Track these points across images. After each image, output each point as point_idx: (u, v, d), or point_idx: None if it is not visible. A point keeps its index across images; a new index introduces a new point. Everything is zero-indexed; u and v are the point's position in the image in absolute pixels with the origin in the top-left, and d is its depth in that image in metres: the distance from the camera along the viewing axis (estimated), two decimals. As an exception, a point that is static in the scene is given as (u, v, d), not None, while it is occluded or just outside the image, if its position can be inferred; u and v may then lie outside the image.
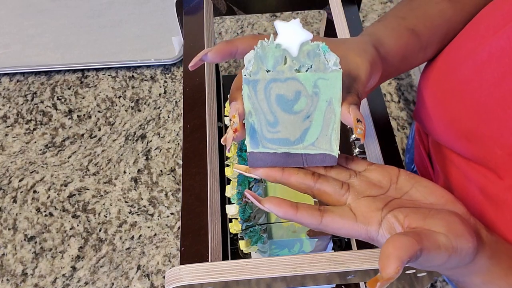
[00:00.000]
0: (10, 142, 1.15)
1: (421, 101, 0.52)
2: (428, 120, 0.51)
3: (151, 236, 0.99)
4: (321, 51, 0.33)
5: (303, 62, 0.33)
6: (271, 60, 0.33)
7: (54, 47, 1.29)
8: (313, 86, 0.33)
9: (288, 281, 0.42)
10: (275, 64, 0.33)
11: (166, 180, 1.06)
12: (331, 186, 0.35)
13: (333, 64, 0.33)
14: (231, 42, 0.37)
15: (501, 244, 0.37)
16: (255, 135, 0.36)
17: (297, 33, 0.32)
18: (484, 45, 0.41)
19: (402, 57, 0.44)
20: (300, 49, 0.33)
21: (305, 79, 0.33)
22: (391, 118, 1.14)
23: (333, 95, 0.33)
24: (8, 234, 1.00)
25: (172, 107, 1.19)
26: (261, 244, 0.54)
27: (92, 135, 1.15)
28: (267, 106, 0.34)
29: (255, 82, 0.34)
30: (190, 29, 0.67)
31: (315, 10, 1.36)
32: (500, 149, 0.39)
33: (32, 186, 1.07)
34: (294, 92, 0.34)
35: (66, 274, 0.95)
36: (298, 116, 0.34)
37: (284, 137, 0.35)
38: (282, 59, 0.33)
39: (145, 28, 1.32)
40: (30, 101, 1.22)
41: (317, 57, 0.33)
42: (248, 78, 0.33)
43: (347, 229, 0.33)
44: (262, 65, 0.33)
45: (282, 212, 0.33)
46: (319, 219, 0.33)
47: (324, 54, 0.33)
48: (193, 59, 0.36)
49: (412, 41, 0.45)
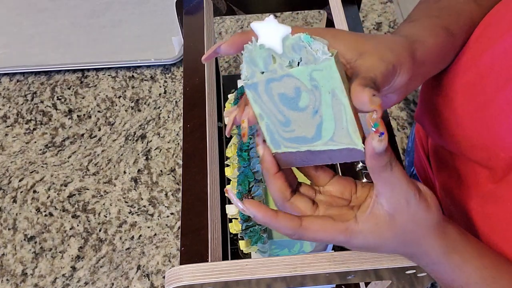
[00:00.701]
0: (10, 142, 1.15)
1: (424, 103, 0.52)
2: (430, 123, 0.51)
3: (151, 236, 0.99)
4: (305, 42, 0.31)
5: (291, 57, 0.32)
6: (260, 62, 0.33)
7: (54, 47, 1.29)
8: (310, 80, 0.32)
9: (288, 281, 0.42)
10: (266, 64, 0.32)
11: (166, 180, 1.06)
12: (304, 202, 0.36)
13: (322, 53, 0.31)
14: (246, 34, 0.36)
15: (465, 235, 0.38)
16: (274, 136, 0.35)
17: (274, 30, 0.32)
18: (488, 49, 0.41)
19: (439, 56, 0.43)
20: (283, 45, 0.32)
21: (299, 74, 0.32)
22: (391, 118, 1.14)
23: (334, 85, 0.31)
24: (8, 234, 1.00)
25: (172, 107, 1.19)
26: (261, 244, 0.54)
27: (92, 135, 1.15)
28: (274, 106, 0.34)
29: (255, 86, 0.33)
30: (190, 29, 0.67)
31: (315, 10, 1.36)
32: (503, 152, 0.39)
33: (32, 186, 1.07)
34: (293, 89, 0.33)
35: (66, 274, 0.95)
36: (305, 112, 0.33)
37: (301, 135, 0.34)
38: (270, 58, 0.32)
39: (145, 28, 1.32)
40: (30, 101, 1.22)
41: (303, 49, 0.31)
42: (247, 83, 0.33)
43: (326, 230, 0.34)
44: (254, 68, 0.33)
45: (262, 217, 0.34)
46: (299, 222, 0.34)
47: (310, 45, 0.31)
48: (207, 52, 0.36)
49: (448, 41, 0.43)
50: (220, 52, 0.36)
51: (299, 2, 0.76)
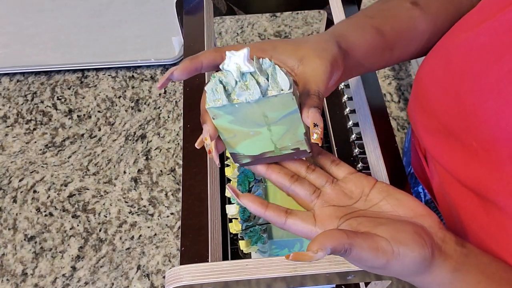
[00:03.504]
0: (10, 142, 1.15)
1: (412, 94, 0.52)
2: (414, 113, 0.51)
3: (151, 236, 0.99)
4: (274, 71, 0.34)
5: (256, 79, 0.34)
6: (221, 90, 0.34)
7: (54, 47, 1.29)
8: (268, 106, 0.34)
9: (288, 281, 0.42)
10: (226, 92, 0.34)
11: (166, 180, 1.07)
12: (304, 190, 0.38)
13: (286, 87, 0.33)
14: (195, 58, 0.39)
15: (474, 257, 0.38)
16: (233, 151, 0.38)
17: (238, 58, 0.34)
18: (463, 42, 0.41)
19: (365, 52, 0.45)
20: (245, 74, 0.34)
21: (258, 102, 0.34)
22: (391, 118, 1.14)
23: (289, 109, 0.34)
24: (8, 234, 1.00)
25: (172, 107, 1.19)
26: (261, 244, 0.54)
27: (92, 135, 1.15)
28: (232, 126, 0.36)
29: (217, 108, 0.35)
30: (190, 29, 0.67)
31: (315, 10, 1.36)
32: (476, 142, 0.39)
33: (32, 186, 1.07)
34: (252, 113, 0.35)
35: (66, 274, 0.95)
36: (263, 128, 0.36)
37: (259, 147, 0.38)
38: (233, 83, 0.34)
39: (145, 28, 1.32)
40: (30, 101, 1.22)
41: (271, 77, 0.34)
42: (209, 105, 0.35)
43: (306, 232, 0.36)
44: (216, 95, 0.35)
45: (253, 208, 0.37)
46: (283, 220, 0.36)
47: (274, 73, 0.34)
48: (160, 79, 0.38)
49: (377, 39, 0.46)
50: (173, 78, 0.38)
51: (299, 2, 0.76)
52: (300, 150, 0.38)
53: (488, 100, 0.38)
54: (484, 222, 0.42)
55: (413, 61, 1.27)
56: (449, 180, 0.48)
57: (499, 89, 0.37)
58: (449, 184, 0.48)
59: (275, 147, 0.38)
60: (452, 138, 0.44)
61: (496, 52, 0.37)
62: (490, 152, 0.38)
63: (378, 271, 0.36)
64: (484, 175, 0.40)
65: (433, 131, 0.48)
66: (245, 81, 0.34)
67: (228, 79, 0.34)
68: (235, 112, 0.35)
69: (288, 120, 0.35)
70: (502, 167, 0.37)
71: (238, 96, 0.34)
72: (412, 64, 1.27)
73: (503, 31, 0.37)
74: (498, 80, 0.37)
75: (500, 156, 0.37)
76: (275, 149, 0.38)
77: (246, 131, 0.36)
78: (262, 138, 0.37)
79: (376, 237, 0.33)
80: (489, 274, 0.37)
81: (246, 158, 0.39)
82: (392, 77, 1.22)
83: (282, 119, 0.35)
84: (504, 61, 0.36)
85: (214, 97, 0.34)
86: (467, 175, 0.43)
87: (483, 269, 0.37)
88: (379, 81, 0.76)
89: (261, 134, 0.37)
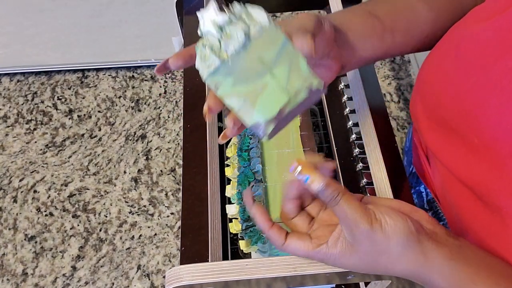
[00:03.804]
0: (11, 142, 1.15)
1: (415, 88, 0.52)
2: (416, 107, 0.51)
3: (151, 236, 0.99)
4: (247, 10, 0.34)
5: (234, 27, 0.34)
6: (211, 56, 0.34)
7: (54, 47, 1.29)
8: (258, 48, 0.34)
9: (288, 281, 0.42)
10: (216, 51, 0.34)
11: (166, 180, 1.07)
12: (302, 221, 0.41)
13: (264, 19, 0.34)
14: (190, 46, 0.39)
15: (468, 249, 0.38)
16: (252, 121, 0.36)
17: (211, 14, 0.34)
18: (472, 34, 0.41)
19: (362, 34, 0.46)
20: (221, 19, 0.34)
21: (247, 48, 0.34)
22: (391, 118, 1.14)
23: (279, 42, 0.35)
24: (8, 234, 1.00)
25: (172, 107, 1.19)
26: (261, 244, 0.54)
27: (92, 135, 1.15)
28: (236, 88, 0.35)
29: (214, 74, 0.35)
30: (190, 29, 0.67)
31: (315, 10, 1.36)
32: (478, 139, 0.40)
33: (32, 186, 1.07)
34: (248, 63, 0.35)
35: (67, 274, 0.95)
36: (266, 77, 0.35)
37: (274, 103, 0.37)
38: (218, 43, 0.34)
39: (145, 28, 1.32)
40: (30, 101, 1.22)
41: (247, 16, 0.34)
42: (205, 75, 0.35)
43: (303, 249, 0.38)
44: (207, 58, 0.34)
45: (259, 222, 0.39)
46: (283, 240, 0.39)
47: (250, 13, 0.34)
48: (158, 65, 0.38)
49: (370, 20, 0.47)
50: (169, 66, 0.38)
51: (299, 2, 0.76)
52: (313, 91, 0.36)
53: (491, 97, 0.38)
54: (485, 222, 0.42)
55: (413, 61, 1.27)
56: (450, 179, 0.48)
57: (502, 86, 0.37)
58: (450, 183, 0.48)
59: (288, 95, 0.36)
60: (454, 134, 0.44)
61: (501, 48, 0.37)
62: (491, 149, 0.38)
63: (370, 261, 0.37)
64: (484, 173, 0.40)
65: (434, 126, 0.48)
66: (226, 33, 0.34)
67: (211, 41, 0.34)
68: (232, 70, 0.34)
69: (285, 56, 0.35)
70: (503, 165, 0.37)
71: (225, 48, 0.34)
72: (412, 64, 1.27)
73: (509, 27, 0.37)
74: (502, 77, 0.37)
75: (501, 154, 0.37)
76: (290, 98, 0.36)
77: (253, 88, 0.35)
78: (272, 91, 0.36)
79: (364, 205, 0.36)
80: (486, 266, 0.38)
81: (268, 126, 0.36)
82: (392, 77, 1.22)
83: (279, 57, 0.35)
84: (508, 58, 0.36)
85: (206, 64, 0.34)
86: (467, 172, 0.43)
87: (480, 261, 0.38)
88: (379, 81, 0.77)
89: (268, 86, 0.35)
